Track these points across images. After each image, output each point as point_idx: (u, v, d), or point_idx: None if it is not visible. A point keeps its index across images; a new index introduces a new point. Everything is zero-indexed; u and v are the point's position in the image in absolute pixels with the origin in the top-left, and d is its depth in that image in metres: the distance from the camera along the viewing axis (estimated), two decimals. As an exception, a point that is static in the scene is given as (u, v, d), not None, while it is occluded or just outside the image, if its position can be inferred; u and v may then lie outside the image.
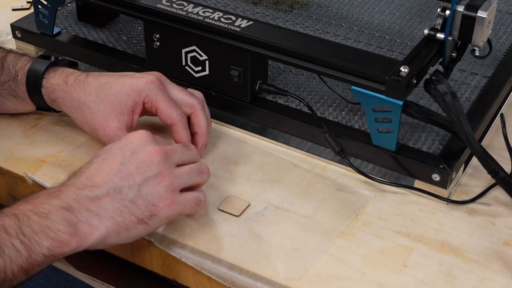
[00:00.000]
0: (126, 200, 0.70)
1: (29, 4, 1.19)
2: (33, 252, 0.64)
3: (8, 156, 0.87)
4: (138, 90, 0.82)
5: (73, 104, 0.84)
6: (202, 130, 0.85)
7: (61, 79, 0.85)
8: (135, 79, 0.83)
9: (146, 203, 0.70)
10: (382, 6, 1.10)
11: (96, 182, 0.70)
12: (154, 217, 0.71)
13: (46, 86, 0.85)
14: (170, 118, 0.83)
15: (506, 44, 1.03)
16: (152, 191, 0.71)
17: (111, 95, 0.83)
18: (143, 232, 0.71)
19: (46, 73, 0.86)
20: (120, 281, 0.91)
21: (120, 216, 0.69)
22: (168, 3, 0.91)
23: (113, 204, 0.69)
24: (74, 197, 0.68)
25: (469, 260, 0.74)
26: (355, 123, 0.87)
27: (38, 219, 0.65)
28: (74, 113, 0.85)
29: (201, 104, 0.86)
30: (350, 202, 0.81)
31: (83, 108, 0.84)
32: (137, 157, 0.72)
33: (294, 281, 0.72)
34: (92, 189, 0.69)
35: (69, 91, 0.84)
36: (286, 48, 0.84)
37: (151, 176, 0.71)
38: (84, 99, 0.83)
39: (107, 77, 0.84)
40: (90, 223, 0.67)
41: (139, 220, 0.70)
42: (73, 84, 0.84)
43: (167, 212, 0.72)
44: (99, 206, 0.68)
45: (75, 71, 0.86)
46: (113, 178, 0.70)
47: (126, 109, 0.83)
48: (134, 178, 0.71)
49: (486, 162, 0.78)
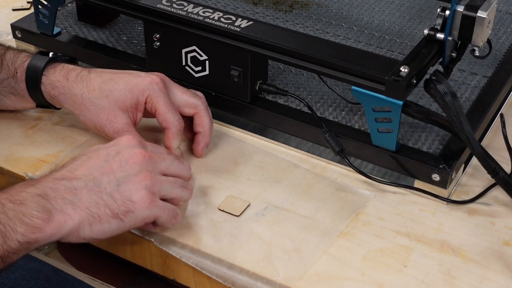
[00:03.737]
0: (103, 193, 0.69)
1: (29, 4, 1.19)
2: (8, 238, 0.64)
3: (8, 156, 0.87)
4: (142, 89, 0.82)
5: (76, 100, 0.84)
6: (205, 130, 0.86)
7: (61, 76, 0.85)
8: (139, 78, 0.83)
9: (124, 198, 0.70)
10: (382, 6, 1.10)
11: (76, 174, 0.70)
12: (129, 214, 0.70)
13: (46, 83, 0.85)
14: (166, 122, 0.83)
15: (506, 44, 1.03)
16: (131, 187, 0.70)
17: (115, 91, 0.82)
18: (116, 228, 0.70)
19: (46, 70, 0.85)
20: (120, 281, 0.91)
21: (96, 207, 0.69)
22: (168, 3, 0.91)
23: (90, 195, 0.69)
24: (51, 186, 0.68)
25: (469, 260, 0.74)
26: (355, 123, 0.88)
27: (13, 206, 0.65)
28: (77, 110, 0.85)
29: (204, 105, 0.86)
30: (350, 202, 0.81)
31: (87, 104, 0.83)
32: (121, 157, 0.72)
33: (294, 281, 0.72)
34: (71, 180, 0.69)
35: (70, 87, 0.84)
36: (286, 48, 0.84)
37: (133, 174, 0.71)
38: (88, 96, 0.83)
39: (111, 74, 0.84)
40: (65, 211, 0.67)
41: (114, 214, 0.69)
42: (75, 80, 0.84)
43: (144, 212, 0.71)
44: (76, 196, 0.68)
45: (76, 67, 0.86)
46: (94, 173, 0.70)
47: (130, 106, 0.83)
48: (115, 174, 0.71)
49: (486, 162, 0.78)
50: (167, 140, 0.83)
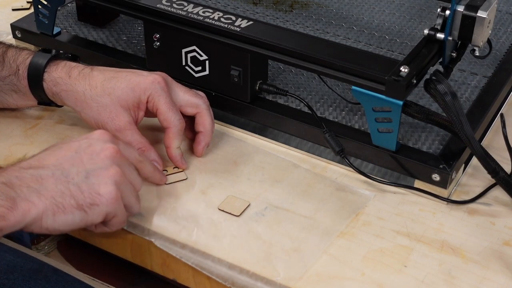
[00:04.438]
0: (71, 183, 0.69)
1: (29, 4, 1.19)
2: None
3: (8, 156, 0.87)
4: (144, 88, 0.82)
5: (78, 97, 0.84)
6: (207, 130, 0.86)
7: (63, 73, 0.85)
8: (141, 77, 0.83)
9: (91, 190, 0.69)
10: (382, 6, 1.10)
11: (43, 163, 0.70)
12: (94, 207, 0.70)
13: (48, 80, 0.85)
14: (167, 121, 0.83)
15: (506, 44, 1.03)
16: (100, 181, 0.70)
17: (117, 89, 0.82)
18: (79, 220, 0.69)
19: (48, 67, 0.85)
20: (120, 281, 0.91)
21: (61, 197, 0.68)
22: (168, 3, 0.91)
23: (56, 185, 0.68)
24: (17, 174, 0.68)
25: (469, 260, 0.74)
26: (355, 123, 0.87)
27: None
28: (78, 107, 0.85)
29: (206, 104, 0.86)
30: (350, 202, 0.81)
31: (88, 101, 0.83)
32: (92, 149, 0.72)
33: (294, 281, 0.72)
34: (38, 169, 0.69)
35: (73, 85, 0.84)
36: (286, 48, 0.84)
37: (103, 167, 0.71)
38: (90, 93, 0.83)
39: (114, 72, 0.85)
40: (29, 199, 0.67)
41: (79, 205, 0.69)
42: (77, 77, 0.84)
43: (108, 207, 0.70)
44: (41, 185, 0.68)
45: (78, 64, 0.86)
46: (63, 163, 0.70)
47: (132, 104, 0.83)
48: (85, 165, 0.70)
49: (486, 162, 0.78)
50: (167, 140, 0.83)
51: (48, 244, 0.95)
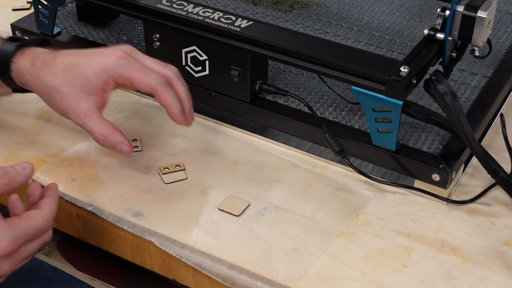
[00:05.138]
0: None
1: (29, 4, 1.19)
2: None
3: (8, 156, 0.87)
4: (106, 69, 0.80)
5: (42, 88, 0.82)
6: (183, 97, 0.82)
7: (28, 62, 0.82)
8: (102, 57, 0.81)
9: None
10: (382, 6, 1.10)
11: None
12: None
13: (15, 70, 0.82)
14: (148, 85, 0.80)
15: (506, 44, 1.03)
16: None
17: (79, 76, 0.80)
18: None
19: (14, 56, 0.82)
20: (120, 281, 0.91)
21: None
22: (168, 3, 0.91)
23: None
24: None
25: (469, 260, 0.74)
26: (355, 123, 0.87)
27: None
28: (45, 98, 0.83)
29: (177, 75, 0.83)
30: (350, 202, 0.81)
31: (51, 92, 0.81)
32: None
33: (294, 281, 0.72)
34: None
35: (36, 75, 0.81)
36: (286, 48, 0.84)
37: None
38: (52, 83, 0.81)
39: (75, 57, 0.82)
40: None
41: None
42: (41, 66, 0.81)
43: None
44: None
45: (44, 50, 0.83)
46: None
47: (95, 89, 0.80)
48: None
49: (486, 162, 0.78)
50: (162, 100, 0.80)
51: (48, 244, 0.95)
